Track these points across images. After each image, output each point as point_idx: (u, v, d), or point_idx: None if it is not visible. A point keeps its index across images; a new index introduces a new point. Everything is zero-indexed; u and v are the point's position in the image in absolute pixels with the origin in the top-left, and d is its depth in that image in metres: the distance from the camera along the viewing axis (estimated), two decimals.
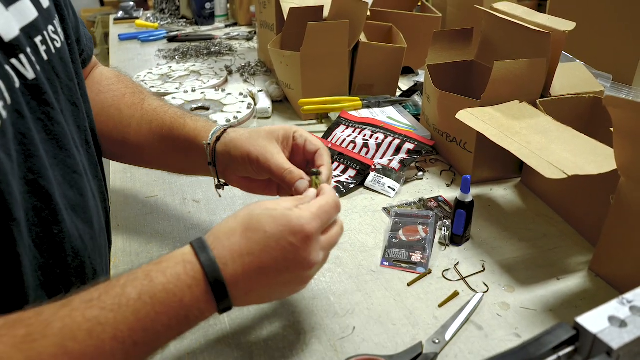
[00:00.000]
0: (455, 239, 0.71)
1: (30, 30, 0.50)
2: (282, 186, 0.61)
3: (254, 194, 0.66)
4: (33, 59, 0.49)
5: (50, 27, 0.55)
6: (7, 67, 0.45)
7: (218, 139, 0.64)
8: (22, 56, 0.47)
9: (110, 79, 0.76)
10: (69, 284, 0.53)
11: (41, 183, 0.48)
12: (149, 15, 2.12)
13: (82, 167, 0.57)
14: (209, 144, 0.64)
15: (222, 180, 0.67)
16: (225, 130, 0.65)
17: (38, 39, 0.51)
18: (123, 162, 0.79)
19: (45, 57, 0.52)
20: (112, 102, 0.72)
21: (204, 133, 0.66)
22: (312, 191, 0.53)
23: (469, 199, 0.68)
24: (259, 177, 0.63)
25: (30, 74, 0.48)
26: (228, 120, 1.07)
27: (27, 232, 0.46)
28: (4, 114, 0.43)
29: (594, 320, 0.38)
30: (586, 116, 0.83)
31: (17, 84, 0.46)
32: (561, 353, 0.39)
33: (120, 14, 2.10)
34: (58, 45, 0.56)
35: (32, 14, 0.52)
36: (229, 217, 0.48)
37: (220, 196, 0.68)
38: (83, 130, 0.61)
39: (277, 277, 0.46)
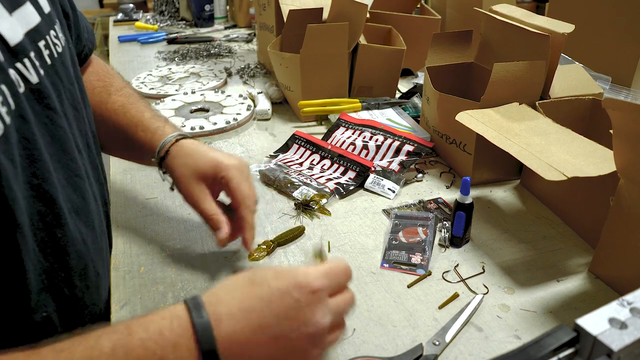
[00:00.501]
0: (455, 241, 0.71)
1: (34, 35, 0.51)
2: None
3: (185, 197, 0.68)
4: (37, 63, 0.50)
5: (52, 32, 0.55)
6: (12, 72, 0.45)
7: (163, 158, 0.68)
8: (26, 60, 0.48)
9: (84, 70, 0.76)
10: (73, 286, 0.53)
11: (45, 187, 0.48)
12: (148, 17, 2.12)
13: (84, 170, 0.57)
14: (156, 160, 0.69)
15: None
16: (168, 152, 0.68)
17: (41, 44, 0.52)
18: None
19: (48, 61, 0.53)
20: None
21: (150, 148, 0.69)
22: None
23: (468, 200, 0.68)
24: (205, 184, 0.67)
25: (34, 78, 0.48)
26: (228, 122, 1.07)
27: (31, 237, 0.46)
28: (7, 119, 0.43)
29: (594, 322, 0.38)
30: (585, 118, 0.83)
31: (22, 88, 0.47)
32: (561, 355, 0.39)
33: (119, 15, 2.11)
34: (60, 49, 0.56)
35: (35, 18, 0.52)
36: (233, 275, 0.45)
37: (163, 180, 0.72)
38: (84, 134, 0.61)
39: (277, 341, 0.41)
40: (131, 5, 2.15)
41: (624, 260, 0.62)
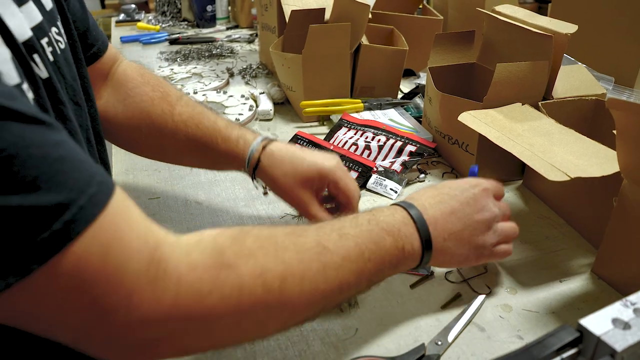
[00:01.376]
0: None
1: (37, 32, 0.51)
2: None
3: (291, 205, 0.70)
4: (45, 58, 0.50)
5: (54, 29, 0.56)
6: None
7: (255, 167, 0.68)
8: (35, 56, 0.48)
9: (134, 80, 0.75)
10: None
11: None
12: (150, 17, 2.12)
13: None
14: (248, 170, 0.69)
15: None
16: (259, 160, 0.68)
17: (44, 41, 0.52)
18: (148, 155, 0.81)
19: (51, 58, 0.53)
20: (142, 109, 0.72)
21: (236, 157, 0.69)
22: None
23: None
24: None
25: (44, 74, 0.49)
26: None
27: None
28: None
29: (597, 322, 0.38)
30: (588, 118, 0.83)
31: (38, 82, 0.47)
32: (565, 355, 0.39)
33: (122, 16, 2.11)
34: (62, 46, 0.57)
35: (38, 16, 0.52)
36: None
37: (258, 187, 0.74)
38: (85, 129, 0.61)
39: (463, 221, 0.56)
40: (133, 5, 2.15)
41: (627, 261, 0.62)
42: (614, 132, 0.58)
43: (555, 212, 0.79)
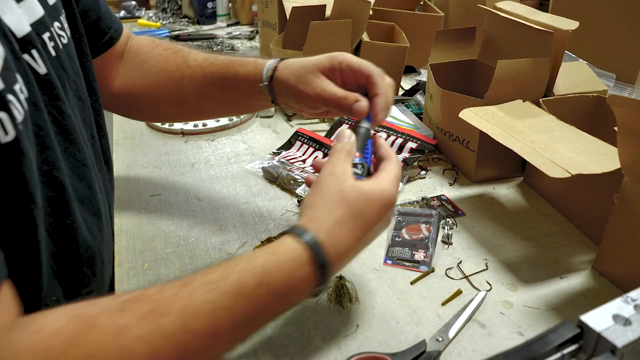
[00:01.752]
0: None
1: (38, 27, 0.51)
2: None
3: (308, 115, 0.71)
4: (44, 54, 0.50)
5: (57, 24, 0.56)
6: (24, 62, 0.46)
7: (271, 77, 0.65)
8: (34, 51, 0.48)
9: (147, 46, 0.78)
10: (80, 274, 0.55)
11: (55, 174, 0.49)
12: (151, 14, 2.12)
13: (90, 160, 0.58)
14: (266, 84, 0.66)
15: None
16: (275, 69, 0.65)
17: (46, 36, 0.52)
18: (181, 121, 0.84)
19: (53, 53, 0.53)
20: (158, 68, 0.74)
21: (256, 77, 0.67)
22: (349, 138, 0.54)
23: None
24: (314, 110, 0.65)
25: (42, 69, 0.49)
26: (231, 120, 1.07)
27: (42, 220, 0.47)
28: (26, 106, 0.44)
29: (598, 319, 0.38)
30: (589, 115, 0.83)
31: (32, 78, 0.47)
32: (565, 351, 0.39)
33: (122, 13, 2.10)
34: (65, 41, 0.57)
35: (39, 11, 0.52)
36: (321, 202, 0.49)
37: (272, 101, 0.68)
38: (89, 124, 0.62)
39: (370, 242, 0.52)
40: (133, 2, 2.15)
41: (628, 258, 0.62)
42: (615, 128, 0.58)
43: (556, 208, 0.79)
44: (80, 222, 0.53)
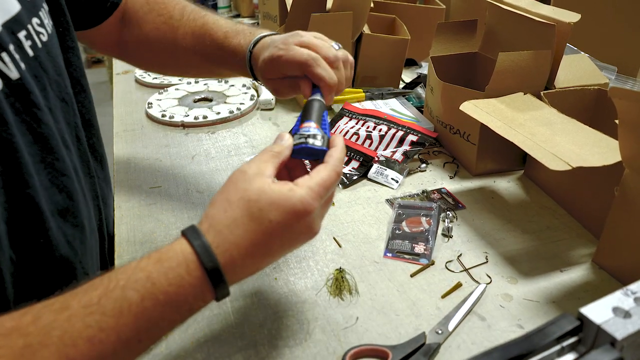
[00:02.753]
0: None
1: (12, 25, 0.47)
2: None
3: (281, 97, 0.69)
4: (17, 56, 0.47)
5: (35, 20, 0.52)
6: None
7: (251, 53, 0.68)
8: (4, 55, 0.45)
9: (142, 8, 0.79)
10: (59, 290, 0.52)
11: (25, 191, 0.46)
12: None
13: (72, 168, 0.55)
14: (249, 58, 0.69)
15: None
16: (255, 45, 0.68)
17: (22, 34, 0.49)
18: (169, 74, 0.90)
19: (30, 52, 0.50)
20: (153, 38, 0.77)
21: (242, 51, 0.70)
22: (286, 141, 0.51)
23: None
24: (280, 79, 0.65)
25: (14, 74, 0.46)
26: (231, 112, 1.07)
27: (6, 244, 0.45)
28: None
29: (598, 311, 0.38)
30: (591, 108, 0.83)
31: (0, 85, 0.44)
32: (565, 343, 0.39)
33: None
34: (44, 38, 0.53)
35: (14, 7, 0.49)
36: (221, 199, 0.45)
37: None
38: (73, 127, 0.59)
39: (280, 253, 0.47)
40: None
41: (628, 251, 0.62)
42: (616, 121, 0.57)
43: (556, 201, 0.79)
44: (57, 237, 0.50)
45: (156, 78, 1.28)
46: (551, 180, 0.80)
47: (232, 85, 1.21)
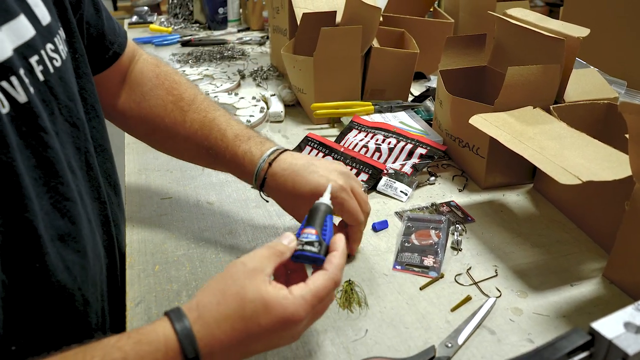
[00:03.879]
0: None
1: (24, 50, 0.48)
2: None
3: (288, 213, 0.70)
4: (27, 80, 0.47)
5: (50, 46, 0.52)
6: None
7: (262, 185, 0.67)
8: (13, 78, 0.45)
9: (150, 82, 0.75)
10: (55, 317, 0.51)
11: (24, 215, 0.46)
12: (162, 19, 2.14)
13: (76, 192, 0.54)
14: (257, 179, 0.67)
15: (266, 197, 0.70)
16: (265, 179, 0.66)
17: (34, 59, 0.49)
18: (160, 150, 0.81)
19: (41, 77, 0.50)
20: (156, 114, 0.74)
21: (246, 175, 0.69)
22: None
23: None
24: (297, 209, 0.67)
25: (22, 97, 0.46)
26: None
27: None
28: None
29: (609, 326, 0.38)
30: (600, 122, 0.83)
31: (6, 109, 0.44)
32: (576, 358, 0.39)
33: (134, 18, 2.13)
34: (57, 64, 0.53)
35: (29, 32, 0.49)
36: (217, 289, 0.45)
37: (267, 201, 0.72)
38: (83, 152, 0.58)
39: (256, 352, 0.47)
40: (145, 7, 2.17)
41: (639, 266, 0.61)
42: (626, 136, 0.57)
43: (566, 215, 0.78)
44: (55, 263, 0.50)
45: None
46: (561, 194, 0.80)
47: (242, 98, 1.22)
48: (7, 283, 0.45)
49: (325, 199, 0.57)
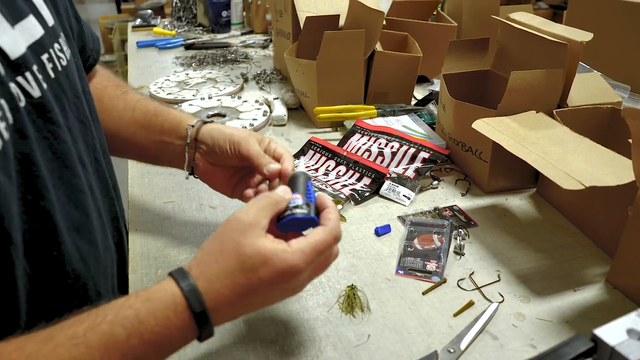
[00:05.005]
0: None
1: (37, 48, 0.50)
2: (237, 185, 0.68)
3: (211, 187, 0.71)
4: (39, 76, 0.49)
5: (56, 45, 0.55)
6: (12, 86, 0.45)
7: (204, 123, 0.68)
8: (28, 74, 0.47)
9: (91, 73, 0.77)
10: (70, 306, 0.52)
11: (41, 204, 0.47)
12: (166, 22, 2.14)
13: (88, 186, 0.56)
14: (193, 126, 0.68)
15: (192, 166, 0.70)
16: (206, 123, 0.69)
17: (44, 57, 0.51)
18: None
19: (52, 74, 0.52)
20: (94, 94, 0.72)
21: (187, 120, 0.70)
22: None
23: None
24: (229, 163, 0.66)
25: (36, 92, 0.48)
26: (244, 128, 1.08)
27: (22, 255, 0.45)
28: (6, 135, 0.43)
29: (612, 333, 0.38)
30: (604, 127, 0.82)
31: (23, 102, 0.46)
32: None
33: (138, 21, 2.14)
34: (64, 63, 0.56)
35: (38, 31, 0.51)
36: (215, 248, 0.47)
37: (187, 178, 0.73)
38: (92, 148, 0.60)
39: (260, 307, 0.49)
40: (149, 11, 2.18)
41: None
42: (630, 140, 0.57)
43: (569, 220, 0.78)
44: (70, 251, 0.51)
45: (170, 93, 1.30)
46: (564, 199, 0.80)
47: (245, 101, 1.22)
48: (28, 271, 0.46)
49: (301, 168, 0.58)
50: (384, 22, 1.14)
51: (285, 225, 0.51)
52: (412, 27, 1.25)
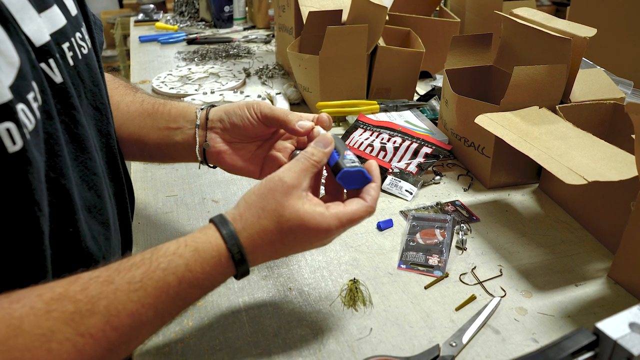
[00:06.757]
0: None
1: (58, 37, 0.52)
2: (265, 163, 0.66)
3: (232, 172, 0.68)
4: (61, 63, 0.51)
5: (78, 34, 0.57)
6: (40, 70, 0.47)
7: (212, 106, 0.68)
8: (51, 61, 0.49)
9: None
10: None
11: (62, 182, 0.49)
12: (168, 17, 2.14)
13: (101, 169, 0.58)
14: (202, 109, 0.68)
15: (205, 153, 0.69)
16: (214, 106, 0.68)
17: (65, 45, 0.53)
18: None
19: (71, 62, 0.54)
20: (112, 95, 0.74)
21: (195, 107, 0.69)
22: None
23: None
24: (252, 133, 0.65)
25: (58, 78, 0.50)
26: None
27: (47, 229, 0.47)
28: (38, 115, 0.45)
29: (614, 326, 0.38)
30: (606, 122, 0.82)
31: (47, 87, 0.48)
32: (580, 358, 0.39)
33: (140, 16, 2.13)
34: (85, 51, 0.58)
35: (61, 21, 0.53)
36: (257, 205, 0.50)
37: (199, 167, 0.70)
38: (105, 135, 0.62)
39: (290, 254, 0.54)
40: (151, 5, 2.18)
41: None
42: (633, 136, 0.57)
43: (571, 216, 0.78)
44: (85, 230, 0.53)
45: (172, 88, 1.30)
46: (566, 194, 0.80)
47: (248, 96, 1.22)
48: (49, 246, 0.48)
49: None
50: (387, 18, 1.14)
51: (346, 175, 0.53)
52: (414, 22, 1.25)
